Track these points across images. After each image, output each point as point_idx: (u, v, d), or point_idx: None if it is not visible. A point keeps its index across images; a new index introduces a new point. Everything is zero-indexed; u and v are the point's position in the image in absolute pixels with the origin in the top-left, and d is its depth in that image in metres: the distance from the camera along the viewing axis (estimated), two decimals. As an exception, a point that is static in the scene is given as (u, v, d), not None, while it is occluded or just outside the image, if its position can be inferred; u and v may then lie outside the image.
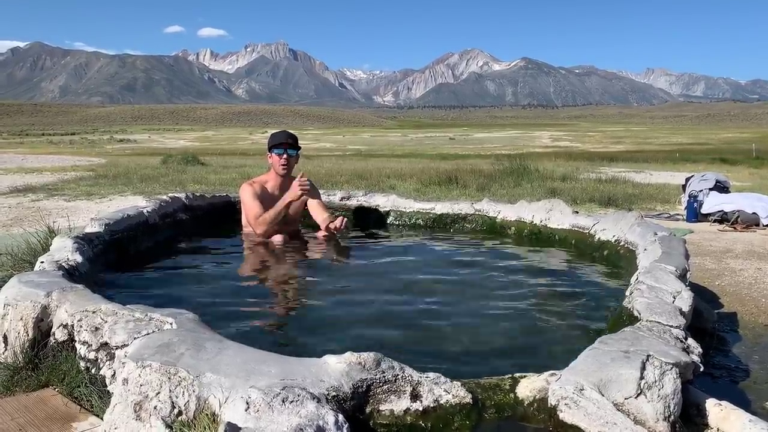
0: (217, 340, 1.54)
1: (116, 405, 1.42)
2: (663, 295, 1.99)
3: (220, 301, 2.66)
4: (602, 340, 1.58)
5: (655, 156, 22.98)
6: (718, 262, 4.22)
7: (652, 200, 8.45)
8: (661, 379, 1.37)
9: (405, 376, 1.41)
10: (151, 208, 3.70)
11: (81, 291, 2.04)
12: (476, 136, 77.27)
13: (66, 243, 2.69)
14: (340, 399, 1.32)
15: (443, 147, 46.04)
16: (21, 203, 7.61)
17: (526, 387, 1.45)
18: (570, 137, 68.30)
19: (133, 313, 1.75)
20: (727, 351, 2.41)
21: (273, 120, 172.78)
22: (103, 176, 11.38)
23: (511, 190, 9.11)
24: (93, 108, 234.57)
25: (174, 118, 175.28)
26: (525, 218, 4.08)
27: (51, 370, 1.89)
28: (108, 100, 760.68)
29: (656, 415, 1.31)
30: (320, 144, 52.12)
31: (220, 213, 4.34)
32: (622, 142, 53.71)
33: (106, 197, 8.22)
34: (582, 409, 1.33)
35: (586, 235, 3.63)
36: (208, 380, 1.34)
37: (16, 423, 1.66)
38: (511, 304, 2.63)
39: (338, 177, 10.77)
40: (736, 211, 6.07)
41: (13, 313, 2.03)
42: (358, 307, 2.59)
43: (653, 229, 3.06)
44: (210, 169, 13.84)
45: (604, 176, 11.94)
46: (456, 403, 1.38)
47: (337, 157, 25.73)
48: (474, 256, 3.63)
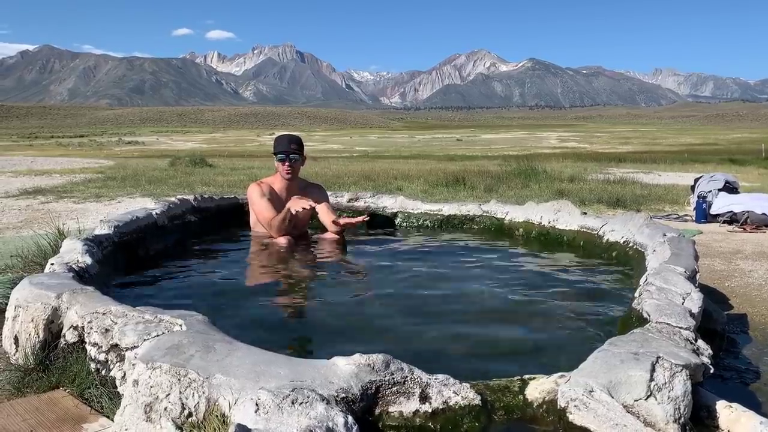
0: (226, 341, 1.54)
1: (127, 406, 1.43)
2: (672, 297, 1.99)
3: (228, 302, 2.67)
4: (611, 341, 1.58)
5: (664, 157, 22.88)
6: (727, 263, 4.19)
7: (661, 201, 8.40)
8: (671, 381, 1.36)
9: (414, 377, 1.41)
10: (159, 210, 3.72)
11: (91, 293, 2.05)
12: (483, 137, 77.17)
13: (76, 245, 2.71)
14: (349, 401, 1.32)
15: (450, 148, 46.00)
16: (30, 205, 7.66)
17: (535, 389, 1.45)
18: (578, 138, 68.09)
19: (143, 315, 1.76)
20: (737, 353, 2.39)
21: (280, 122, 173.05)
22: (112, 178, 11.41)
23: (519, 191, 9.08)
24: (101, 110, 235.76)
25: (182, 120, 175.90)
26: (533, 219, 4.08)
27: (61, 372, 1.90)
28: (116, 103, 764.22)
29: (666, 417, 1.31)
30: (327, 145, 52.18)
31: (228, 215, 4.36)
32: (630, 143, 53.50)
33: (115, 199, 8.25)
34: (591, 411, 1.33)
35: (595, 236, 3.62)
36: (218, 382, 1.35)
37: (28, 424, 1.67)
38: (519, 305, 2.63)
39: (346, 178, 10.77)
40: (746, 211, 6.03)
41: (24, 314, 2.05)
42: (366, 308, 2.59)
43: (662, 230, 3.05)
44: (218, 170, 13.86)
45: (612, 177, 11.88)
46: (465, 404, 1.38)
47: (345, 158, 25.74)
48: (482, 258, 3.62)
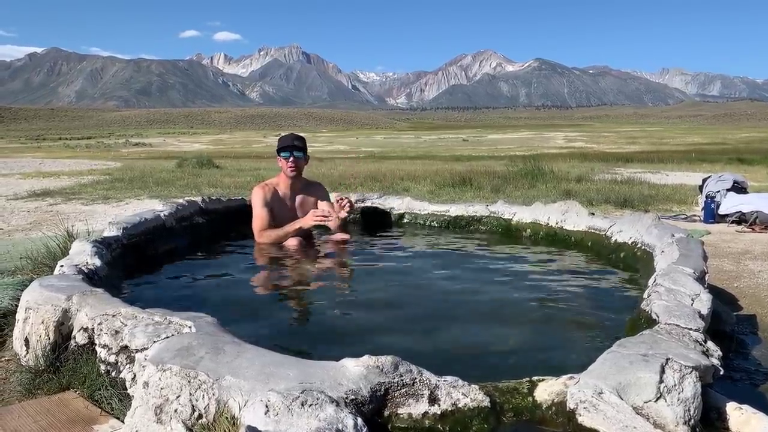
0: (235, 343, 1.55)
1: (137, 408, 1.43)
2: (681, 298, 1.98)
3: (237, 303, 2.68)
4: (621, 343, 1.57)
5: (671, 156, 22.76)
6: (736, 264, 4.17)
7: (669, 201, 8.37)
8: (681, 383, 1.36)
9: (423, 379, 1.41)
10: (167, 212, 3.73)
11: (101, 295, 2.06)
12: (490, 137, 76.95)
13: (85, 247, 2.72)
14: (358, 402, 1.32)
15: (457, 148, 45.92)
16: (39, 207, 7.70)
17: (544, 390, 1.45)
18: (584, 138, 67.81)
19: (153, 317, 1.77)
20: (746, 354, 2.38)
21: (287, 123, 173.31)
22: (120, 180, 11.47)
23: (526, 191, 9.07)
24: (109, 112, 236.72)
25: (189, 121, 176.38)
26: (540, 220, 4.07)
27: (72, 373, 1.91)
28: (123, 104, 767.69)
29: (676, 419, 1.30)
30: (334, 146, 52.21)
31: (235, 216, 4.37)
32: (638, 143, 53.23)
33: (123, 201, 8.29)
34: (601, 412, 1.33)
35: (603, 236, 3.61)
36: (228, 383, 1.35)
37: (39, 425, 1.68)
38: (527, 306, 2.62)
39: (352, 179, 10.78)
40: (755, 211, 6.00)
41: (34, 316, 2.06)
42: (375, 310, 2.59)
43: (670, 231, 3.04)
44: (225, 172, 13.90)
45: (619, 177, 11.84)
46: (474, 406, 1.38)
47: (351, 159, 25.75)
48: (489, 259, 3.62)
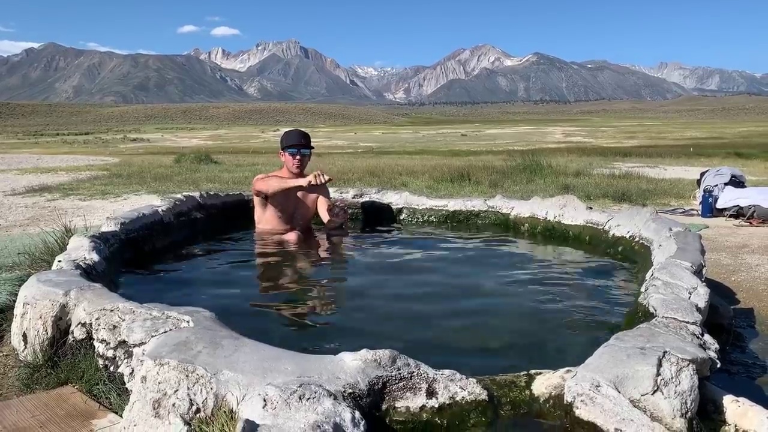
0: (233, 337, 1.55)
1: (135, 402, 1.43)
2: (679, 291, 1.98)
3: (235, 298, 2.68)
4: (618, 336, 1.57)
5: (669, 151, 22.79)
6: (734, 258, 4.18)
7: (667, 195, 8.38)
8: (678, 376, 1.36)
9: (420, 373, 1.41)
10: (165, 207, 3.72)
11: (98, 290, 2.06)
12: (488, 132, 76.97)
13: (83, 242, 2.72)
14: (356, 396, 1.32)
15: (455, 143, 45.93)
16: (37, 203, 7.69)
17: (541, 384, 1.45)
18: (583, 132, 67.83)
19: (151, 312, 1.77)
20: (744, 347, 2.39)
21: (285, 118, 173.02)
22: (117, 175, 11.45)
23: (524, 186, 9.08)
24: (106, 108, 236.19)
25: (186, 117, 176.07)
26: (538, 215, 4.07)
27: (70, 368, 1.91)
28: (121, 100, 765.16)
29: (673, 412, 1.31)
30: (332, 141, 52.22)
31: (233, 211, 4.37)
32: (636, 137, 53.27)
33: (121, 196, 8.28)
34: (598, 405, 1.33)
35: (601, 231, 3.62)
36: (226, 378, 1.35)
37: (37, 420, 1.69)
38: (525, 300, 2.63)
39: (350, 174, 10.78)
40: (752, 205, 6.01)
41: (32, 311, 2.06)
42: (373, 305, 2.60)
43: (668, 225, 3.04)
44: (223, 167, 13.88)
45: (617, 171, 11.85)
46: (471, 399, 1.38)
47: (349, 154, 25.75)
48: (487, 253, 3.63)
